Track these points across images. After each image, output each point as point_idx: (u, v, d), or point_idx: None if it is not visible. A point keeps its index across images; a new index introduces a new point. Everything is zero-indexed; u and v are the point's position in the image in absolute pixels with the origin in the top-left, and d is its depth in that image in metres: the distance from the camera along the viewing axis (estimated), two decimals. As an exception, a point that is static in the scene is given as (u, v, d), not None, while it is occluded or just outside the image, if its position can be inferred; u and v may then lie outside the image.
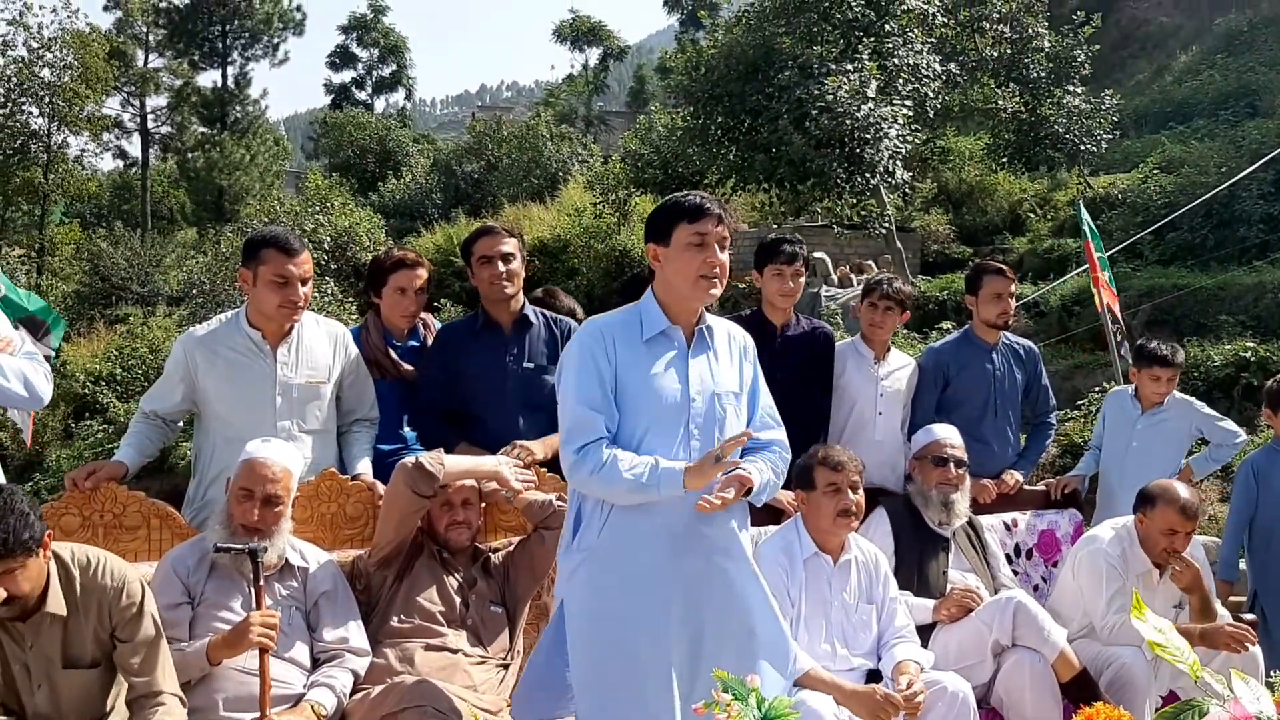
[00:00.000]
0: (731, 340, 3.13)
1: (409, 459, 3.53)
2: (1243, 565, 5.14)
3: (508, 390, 4.13)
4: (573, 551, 2.99)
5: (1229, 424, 5.20)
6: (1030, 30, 16.92)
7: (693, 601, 2.92)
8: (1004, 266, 5.00)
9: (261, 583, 3.20)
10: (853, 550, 3.90)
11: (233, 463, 3.48)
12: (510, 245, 4.18)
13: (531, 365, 4.17)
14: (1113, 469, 5.17)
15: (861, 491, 3.89)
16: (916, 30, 15.15)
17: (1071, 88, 16.96)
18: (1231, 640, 3.91)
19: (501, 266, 4.13)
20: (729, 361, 3.09)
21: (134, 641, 2.91)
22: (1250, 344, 11.24)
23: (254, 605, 3.17)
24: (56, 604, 2.85)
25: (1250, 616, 4.44)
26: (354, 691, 3.31)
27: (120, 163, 36.80)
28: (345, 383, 3.98)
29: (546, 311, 4.35)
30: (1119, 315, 8.78)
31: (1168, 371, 5.09)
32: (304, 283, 3.78)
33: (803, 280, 4.55)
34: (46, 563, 2.84)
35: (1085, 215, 8.76)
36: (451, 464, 3.56)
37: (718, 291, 2.97)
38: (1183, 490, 4.13)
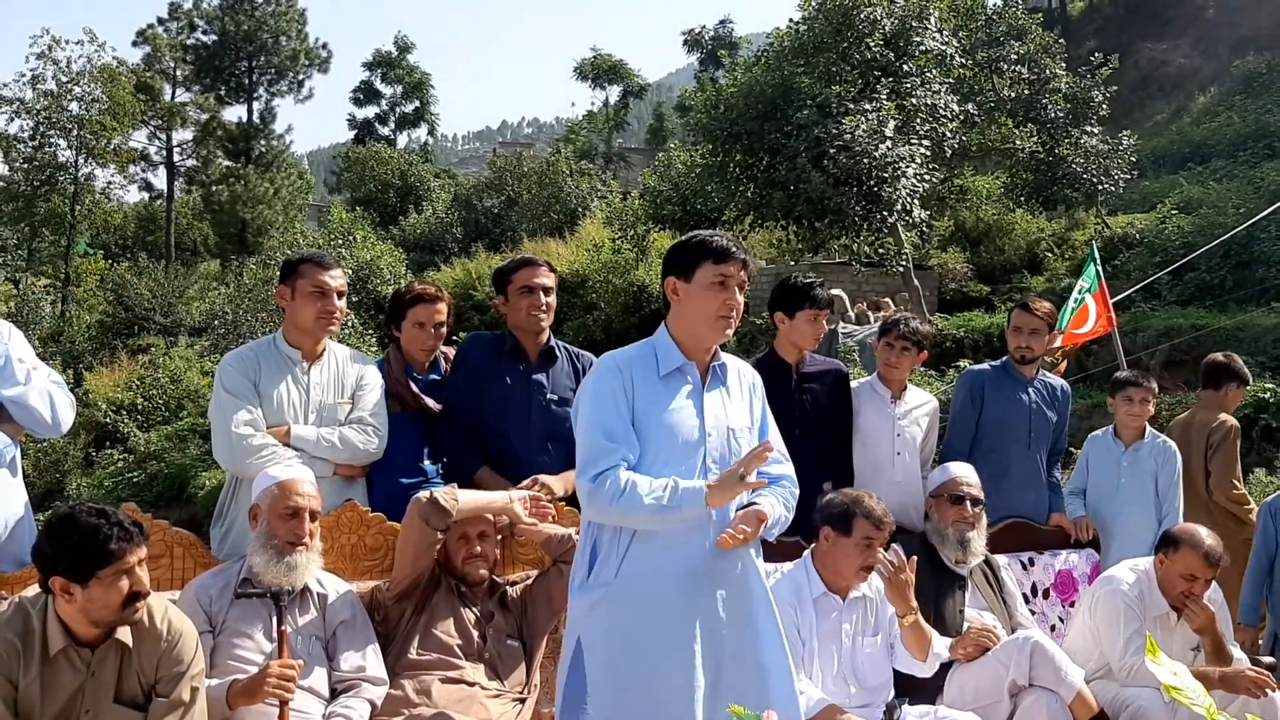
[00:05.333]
0: (741, 377, 3.15)
1: (423, 494, 3.58)
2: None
3: (533, 422, 4.18)
4: (590, 587, 2.96)
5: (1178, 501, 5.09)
6: (1048, 71, 17.04)
7: (712, 635, 2.91)
8: (1031, 304, 4.94)
9: (285, 627, 3.23)
10: (862, 587, 3.89)
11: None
12: (550, 279, 4.28)
13: (555, 398, 4.23)
14: (1104, 509, 5.07)
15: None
16: (935, 71, 15.25)
17: (1089, 128, 17.05)
18: (1252, 685, 3.90)
19: (542, 298, 4.20)
20: (740, 398, 3.11)
21: (170, 699, 2.88)
22: (1270, 385, 11.17)
23: (277, 653, 3.20)
24: (125, 633, 2.86)
25: (1269, 660, 4.41)
26: (371, 721, 3.33)
27: (145, 195, 37.36)
28: (356, 395, 4.03)
29: (569, 346, 4.41)
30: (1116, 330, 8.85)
31: (1139, 392, 5.13)
32: (339, 295, 3.96)
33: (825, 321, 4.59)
34: None
35: (1096, 257, 8.79)
36: (465, 499, 3.61)
37: (731, 332, 3.01)
38: (1207, 537, 4.12)
